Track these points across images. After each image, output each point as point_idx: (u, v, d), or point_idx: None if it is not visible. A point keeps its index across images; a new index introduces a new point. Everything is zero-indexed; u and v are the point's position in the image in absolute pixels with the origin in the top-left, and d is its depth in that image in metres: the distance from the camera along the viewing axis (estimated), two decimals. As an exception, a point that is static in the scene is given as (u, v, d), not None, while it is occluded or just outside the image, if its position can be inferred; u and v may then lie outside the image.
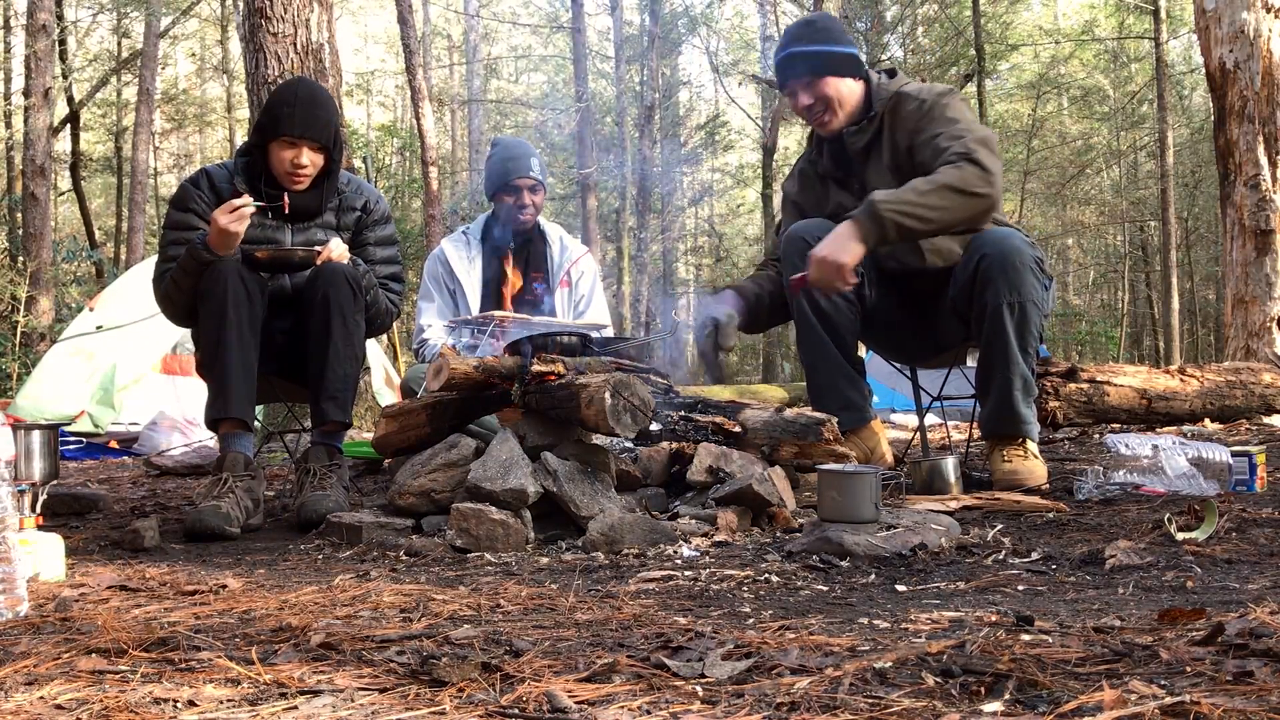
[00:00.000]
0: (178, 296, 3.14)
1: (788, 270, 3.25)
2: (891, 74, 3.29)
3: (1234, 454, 2.80)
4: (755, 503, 2.54)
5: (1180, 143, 19.77)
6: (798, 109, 3.28)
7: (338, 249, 3.16)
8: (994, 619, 1.47)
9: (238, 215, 2.98)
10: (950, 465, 2.90)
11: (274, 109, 3.17)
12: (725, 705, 1.09)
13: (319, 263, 3.13)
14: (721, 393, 4.94)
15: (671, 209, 23.53)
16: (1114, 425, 4.55)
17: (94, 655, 1.37)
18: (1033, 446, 3.07)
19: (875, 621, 1.53)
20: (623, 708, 1.10)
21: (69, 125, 17.85)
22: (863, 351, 3.56)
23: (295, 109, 3.14)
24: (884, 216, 2.89)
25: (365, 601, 1.76)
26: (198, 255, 3.03)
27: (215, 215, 2.99)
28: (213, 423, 3.06)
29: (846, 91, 3.21)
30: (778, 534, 2.47)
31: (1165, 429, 4.45)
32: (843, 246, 2.90)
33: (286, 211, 3.15)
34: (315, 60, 5.57)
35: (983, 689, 1.09)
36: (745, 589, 1.88)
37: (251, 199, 3.04)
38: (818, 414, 2.87)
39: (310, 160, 3.16)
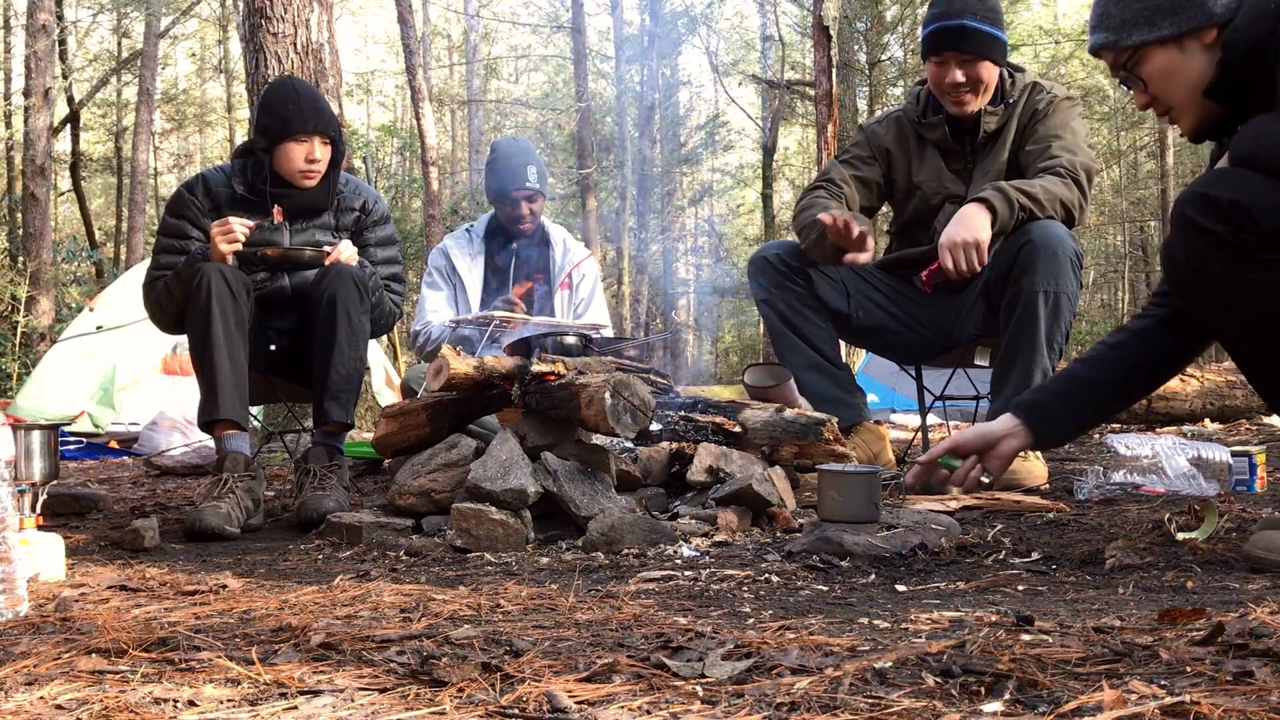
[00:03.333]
0: (169, 305, 3.15)
1: (756, 291, 3.32)
2: (1020, 70, 3.26)
3: (1234, 454, 2.80)
4: (755, 503, 2.54)
5: (1180, 143, 19.75)
6: (942, 80, 3.14)
7: (347, 250, 3.17)
8: (994, 619, 1.47)
9: (230, 237, 3.02)
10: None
11: (278, 109, 3.17)
12: (725, 705, 1.09)
13: (327, 264, 3.14)
14: (721, 393, 4.94)
15: (671, 209, 23.52)
16: (1114, 425, 4.55)
17: (94, 655, 1.37)
18: None
19: (875, 621, 1.53)
20: (623, 708, 1.10)
21: (69, 125, 17.85)
22: (860, 354, 3.57)
23: (301, 105, 3.17)
24: (1015, 204, 2.90)
25: (365, 601, 1.76)
26: (195, 263, 3.05)
27: (212, 231, 3.04)
28: (206, 425, 3.05)
29: (994, 79, 3.16)
30: (778, 534, 2.47)
31: (1165, 429, 4.45)
32: (977, 225, 2.89)
33: (279, 220, 3.16)
34: (315, 60, 5.56)
35: (983, 689, 1.09)
36: (745, 589, 1.88)
37: (246, 221, 3.05)
38: (818, 414, 2.88)
39: (322, 154, 3.19)
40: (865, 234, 3.03)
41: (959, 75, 3.10)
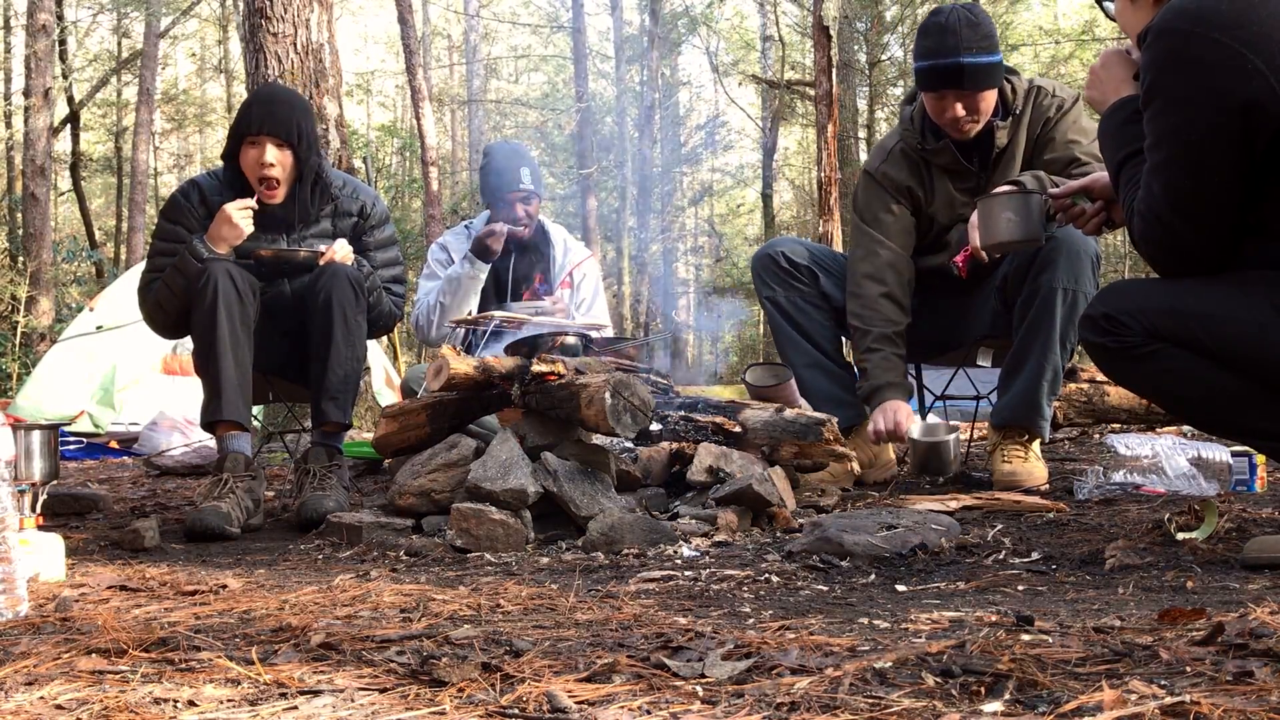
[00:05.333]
0: (170, 302, 3.13)
1: (760, 288, 3.30)
2: (1014, 72, 3.17)
3: (1234, 454, 2.80)
4: (755, 503, 2.54)
5: (1180, 143, 19.70)
6: (942, 114, 3.03)
7: (342, 250, 3.17)
8: (994, 619, 1.47)
9: (245, 211, 3.02)
10: (951, 444, 2.90)
11: (239, 110, 3.20)
12: (725, 705, 1.09)
13: (322, 264, 3.13)
14: (721, 393, 4.94)
15: (671, 209, 23.51)
16: (1114, 425, 4.55)
17: (94, 655, 1.37)
18: (1037, 447, 3.06)
19: (875, 621, 1.53)
20: (623, 708, 1.10)
21: (69, 125, 17.84)
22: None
23: (254, 106, 3.14)
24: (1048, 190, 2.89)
25: (365, 601, 1.76)
26: (196, 253, 3.04)
27: (225, 207, 3.03)
28: (209, 425, 3.05)
29: (994, 100, 3.05)
30: (778, 534, 2.47)
31: (1165, 429, 4.45)
32: None
33: (256, 207, 3.09)
34: (315, 60, 5.56)
35: (983, 689, 1.09)
36: (745, 589, 1.88)
37: (248, 201, 3.05)
38: (818, 414, 2.88)
39: (277, 159, 3.08)
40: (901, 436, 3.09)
41: (960, 110, 3.00)
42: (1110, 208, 2.29)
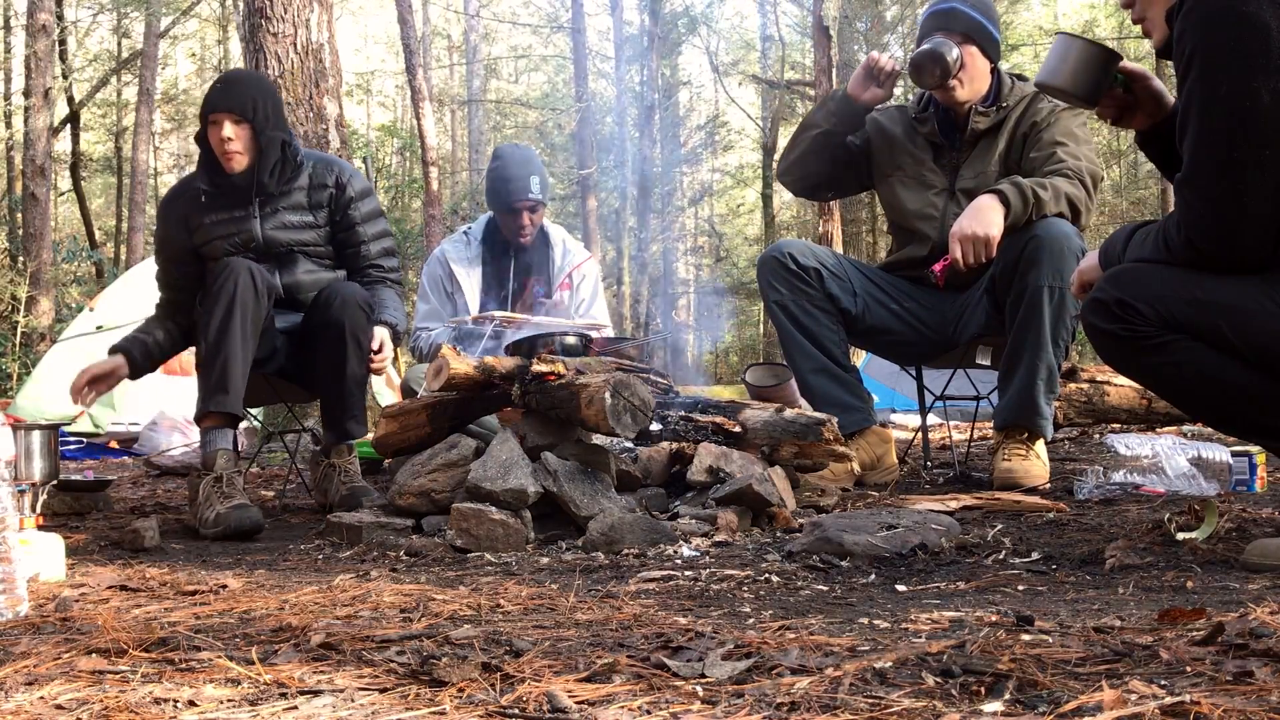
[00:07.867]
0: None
1: (767, 291, 3.31)
2: (1023, 79, 3.31)
3: (1234, 454, 2.80)
4: (755, 503, 2.54)
5: (1180, 143, 19.69)
6: None
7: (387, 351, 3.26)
8: (994, 619, 1.47)
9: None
10: (953, 46, 3.10)
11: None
12: (725, 705, 1.09)
13: (376, 357, 3.20)
14: (722, 393, 4.94)
15: (671, 209, 23.52)
16: (1114, 425, 4.55)
17: (94, 655, 1.37)
18: (1039, 447, 3.06)
19: (875, 621, 1.53)
20: (623, 708, 1.10)
21: (69, 125, 17.85)
22: (861, 356, 3.57)
23: (214, 88, 3.22)
24: (1028, 198, 2.93)
25: (365, 601, 1.76)
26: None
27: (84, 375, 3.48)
28: (211, 414, 3.02)
29: (981, 70, 3.22)
30: (778, 534, 2.47)
31: (1165, 429, 4.45)
32: (990, 220, 2.92)
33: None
34: (315, 60, 5.56)
35: (983, 689, 1.09)
36: (745, 589, 1.88)
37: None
38: (818, 414, 2.88)
39: (234, 134, 3.13)
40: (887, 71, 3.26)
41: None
42: (1139, 106, 2.13)
